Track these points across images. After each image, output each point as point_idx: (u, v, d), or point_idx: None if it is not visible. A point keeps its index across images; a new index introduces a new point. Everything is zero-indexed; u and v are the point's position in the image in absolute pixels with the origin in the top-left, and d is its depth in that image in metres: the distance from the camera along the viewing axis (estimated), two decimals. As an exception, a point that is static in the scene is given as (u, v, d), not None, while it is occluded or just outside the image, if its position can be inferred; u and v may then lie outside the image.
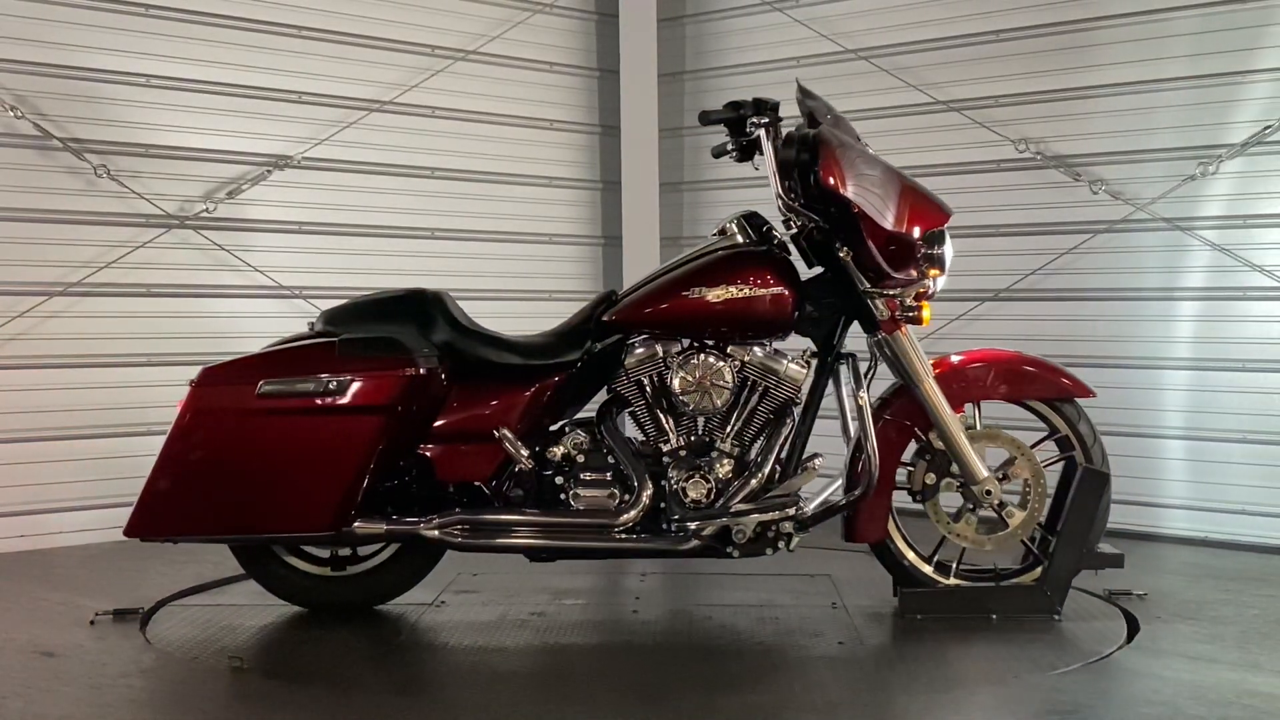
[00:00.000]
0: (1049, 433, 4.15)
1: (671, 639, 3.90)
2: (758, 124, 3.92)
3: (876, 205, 3.85)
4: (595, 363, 4.00)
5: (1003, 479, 4.07)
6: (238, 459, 3.83)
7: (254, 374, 3.85)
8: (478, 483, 3.98)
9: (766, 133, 3.92)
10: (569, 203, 6.82)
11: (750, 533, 3.87)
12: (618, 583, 4.62)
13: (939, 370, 4.06)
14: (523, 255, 6.58)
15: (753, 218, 4.05)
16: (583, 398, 4.10)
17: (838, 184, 3.81)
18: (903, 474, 4.14)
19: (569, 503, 3.95)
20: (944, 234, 3.87)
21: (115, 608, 4.09)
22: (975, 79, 5.85)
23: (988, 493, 4.02)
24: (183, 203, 5.58)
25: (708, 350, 3.93)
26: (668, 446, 3.95)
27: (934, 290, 3.95)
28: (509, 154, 6.53)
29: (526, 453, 3.93)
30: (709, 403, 3.92)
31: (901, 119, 5.97)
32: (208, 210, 5.62)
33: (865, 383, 3.98)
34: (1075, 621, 4.01)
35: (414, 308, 3.97)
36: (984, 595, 4.07)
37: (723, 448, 3.94)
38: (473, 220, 6.40)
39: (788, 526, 3.88)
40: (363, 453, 3.83)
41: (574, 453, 3.97)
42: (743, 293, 3.88)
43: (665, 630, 4.01)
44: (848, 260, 3.90)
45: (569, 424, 4.03)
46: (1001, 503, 4.04)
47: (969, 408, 4.12)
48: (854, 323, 4.03)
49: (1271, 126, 5.15)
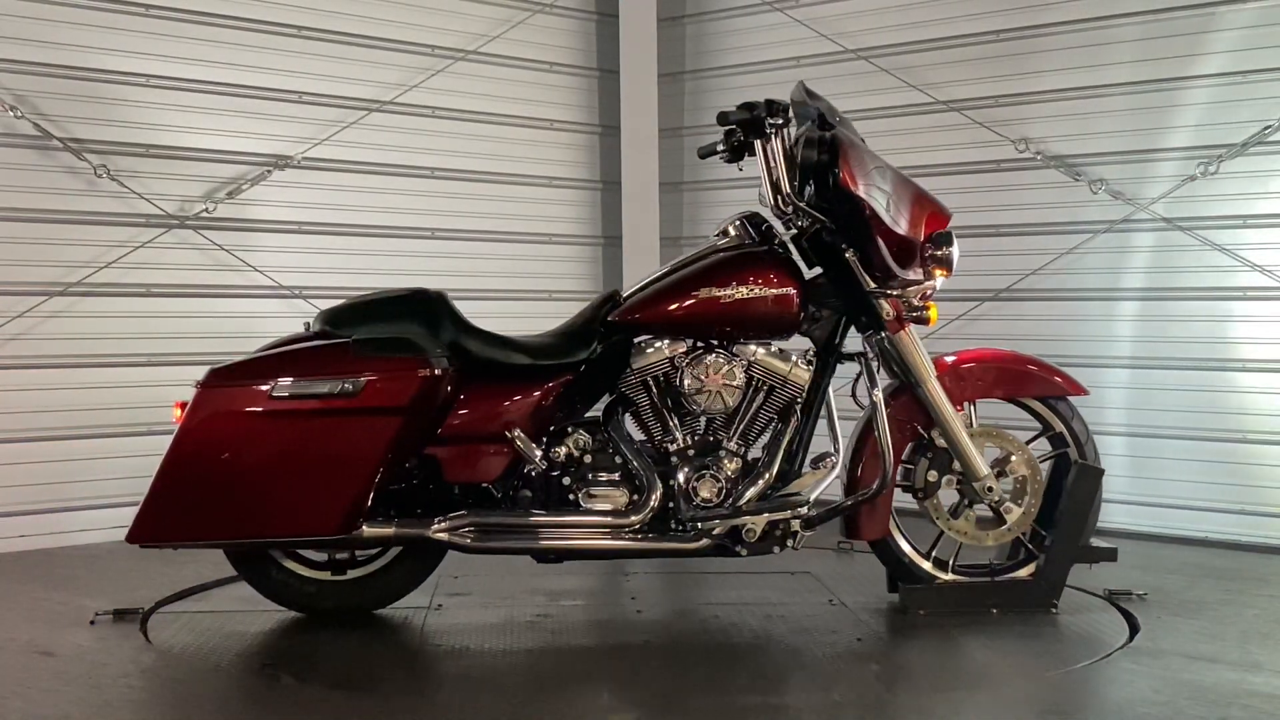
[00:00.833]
0: (1042, 430, 4.22)
1: (689, 639, 3.90)
2: (774, 125, 3.92)
3: (889, 207, 3.89)
4: (602, 363, 4.00)
5: (999, 476, 4.12)
6: (248, 461, 3.76)
7: (266, 375, 3.78)
8: (485, 484, 3.95)
9: (776, 134, 3.93)
10: (569, 203, 6.82)
11: (760, 531, 3.89)
12: (607, 583, 4.61)
13: (936, 370, 4.09)
14: (523, 255, 6.58)
15: (754, 218, 4.07)
16: (590, 398, 4.08)
17: (856, 185, 3.84)
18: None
19: (578, 503, 3.93)
20: (951, 235, 3.93)
21: (115, 608, 4.09)
22: (975, 79, 5.85)
23: (989, 489, 4.07)
24: (183, 203, 5.58)
25: (715, 350, 3.94)
26: (674, 446, 3.96)
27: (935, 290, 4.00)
28: (509, 154, 6.53)
29: (540, 453, 3.91)
30: (719, 403, 3.93)
31: (901, 119, 5.97)
32: (208, 210, 5.62)
33: (877, 382, 4.00)
34: (1076, 622, 4.01)
35: (420, 307, 3.93)
36: (983, 590, 4.13)
37: (729, 447, 3.95)
38: (473, 220, 6.40)
39: (794, 524, 3.91)
40: (377, 454, 3.78)
41: (578, 453, 3.95)
42: (752, 293, 3.89)
43: (679, 630, 4.02)
44: (853, 261, 3.93)
45: (571, 424, 4.02)
46: (1000, 499, 4.09)
47: (965, 406, 4.16)
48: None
49: (1271, 126, 5.15)
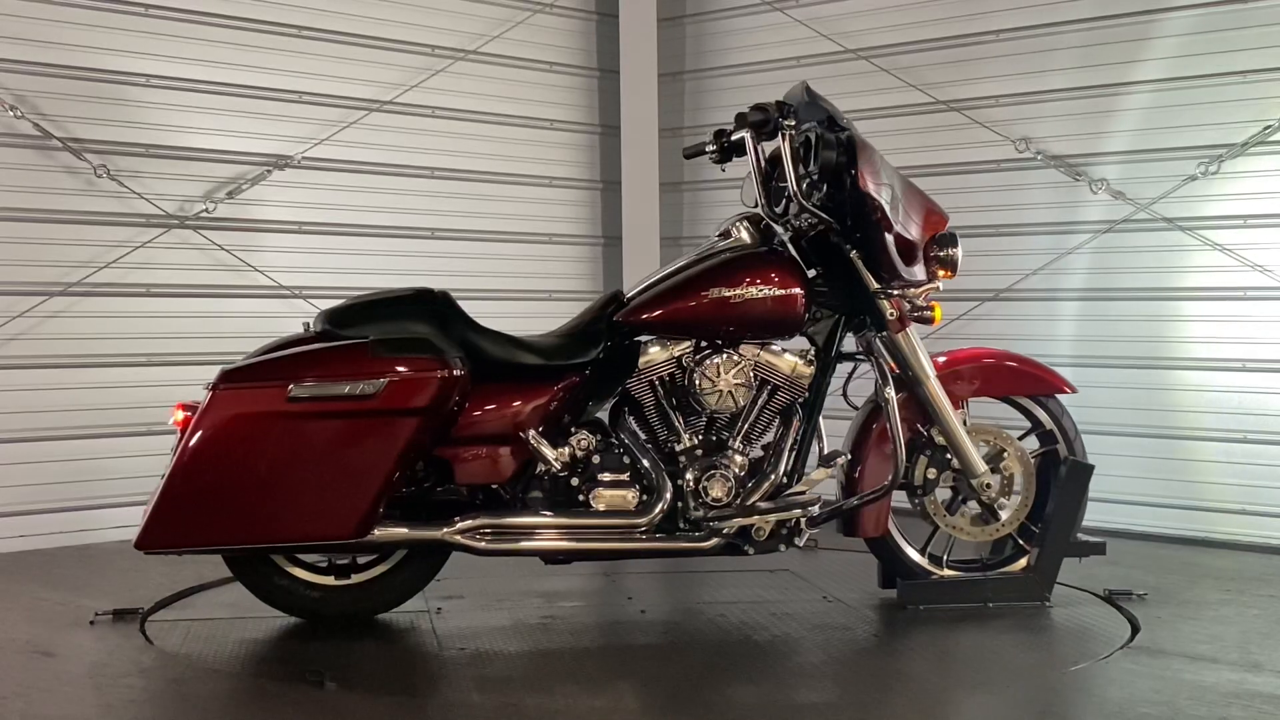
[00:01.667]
0: (1031, 427, 4.31)
1: (705, 638, 3.90)
2: (788, 126, 3.94)
3: (897, 208, 3.94)
4: (609, 363, 3.98)
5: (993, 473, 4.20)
6: (263, 464, 3.70)
7: (283, 376, 3.71)
8: (495, 485, 3.93)
9: (785, 136, 3.95)
10: (569, 203, 6.82)
11: (768, 530, 3.92)
12: (597, 584, 4.60)
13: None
14: (523, 255, 6.58)
15: (754, 219, 4.09)
16: (597, 398, 4.06)
17: (871, 187, 3.88)
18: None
19: (588, 504, 3.92)
20: (955, 237, 3.99)
21: (115, 608, 4.08)
22: (975, 79, 5.86)
23: (987, 486, 4.14)
24: (182, 203, 5.58)
25: (724, 350, 3.95)
26: (681, 446, 3.96)
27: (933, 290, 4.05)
28: (509, 154, 6.53)
29: (555, 454, 3.90)
30: (730, 403, 3.94)
31: (901, 119, 5.97)
32: (207, 210, 5.62)
33: (889, 380, 4.03)
34: (1075, 622, 4.02)
35: (429, 307, 3.89)
36: (979, 585, 4.20)
37: (735, 446, 3.96)
38: (473, 220, 6.40)
39: (800, 523, 3.95)
40: (395, 456, 3.74)
41: (582, 454, 3.93)
42: (761, 293, 3.91)
43: (690, 630, 4.02)
44: (857, 261, 3.95)
45: (574, 424, 4.01)
46: (995, 496, 4.17)
47: (962, 405, 4.22)
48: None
49: (1271, 126, 5.15)
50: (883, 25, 6.12)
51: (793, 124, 3.94)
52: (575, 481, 3.93)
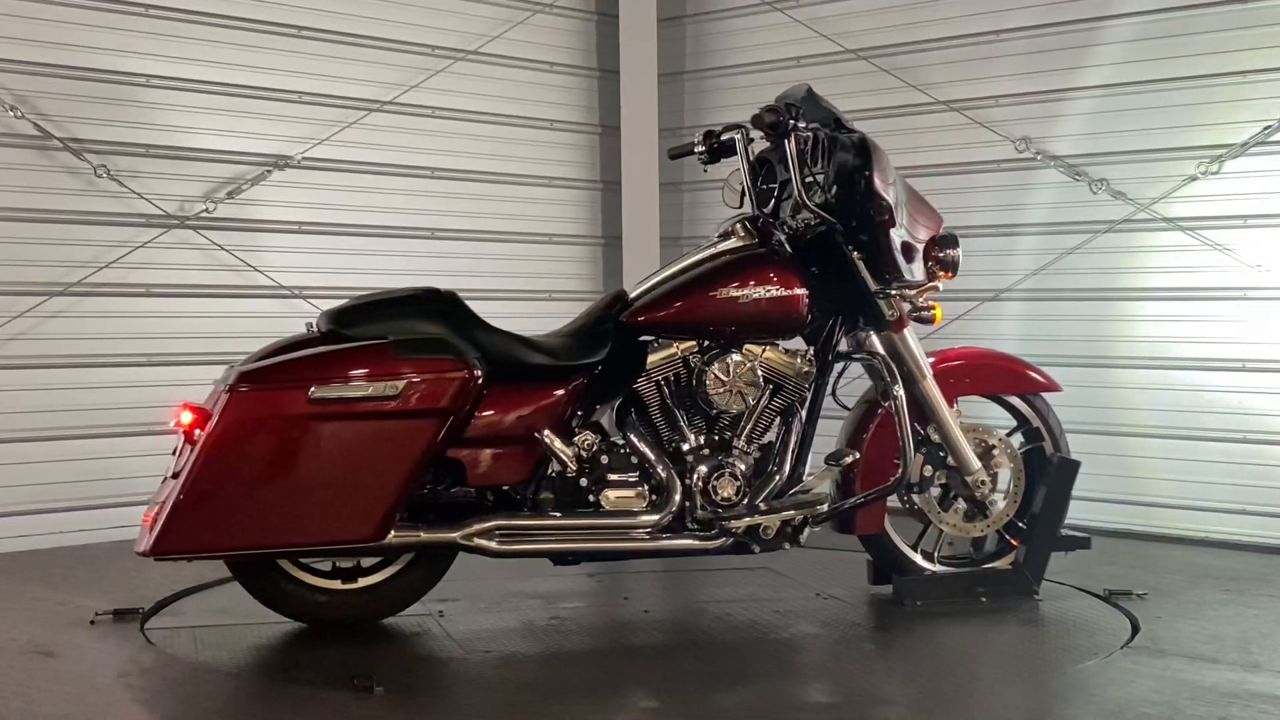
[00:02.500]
0: (1018, 425, 4.39)
1: (717, 637, 3.91)
2: (798, 129, 3.96)
3: (904, 209, 3.99)
4: (616, 363, 3.97)
5: None
6: (283, 466, 3.64)
7: (305, 377, 3.64)
8: (506, 487, 3.89)
9: (790, 138, 3.96)
10: (569, 203, 6.82)
11: (775, 529, 3.95)
12: (590, 584, 4.57)
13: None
14: (523, 255, 6.58)
15: (754, 219, 4.10)
16: (603, 398, 4.03)
17: (883, 188, 3.91)
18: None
19: (598, 504, 3.90)
20: (956, 238, 4.05)
21: (115, 608, 4.08)
22: (975, 79, 5.86)
23: (981, 483, 4.21)
24: (182, 203, 5.58)
25: (731, 350, 3.95)
26: (687, 445, 3.96)
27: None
28: (509, 154, 6.53)
29: (571, 455, 3.89)
30: (739, 402, 3.94)
31: (901, 119, 5.97)
32: (207, 210, 5.62)
33: (898, 378, 4.05)
34: (1075, 622, 4.02)
35: (439, 307, 3.85)
36: (971, 580, 4.27)
37: (741, 446, 3.97)
38: (473, 220, 6.40)
39: (803, 521, 3.98)
40: (416, 458, 3.69)
41: (587, 454, 3.91)
42: (769, 293, 3.93)
43: (702, 629, 4.03)
44: (859, 261, 3.99)
45: (582, 425, 3.99)
46: (987, 493, 4.25)
47: (955, 403, 4.27)
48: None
49: (1271, 126, 5.15)
50: (883, 25, 6.12)
51: (804, 126, 3.98)
52: (584, 482, 3.92)
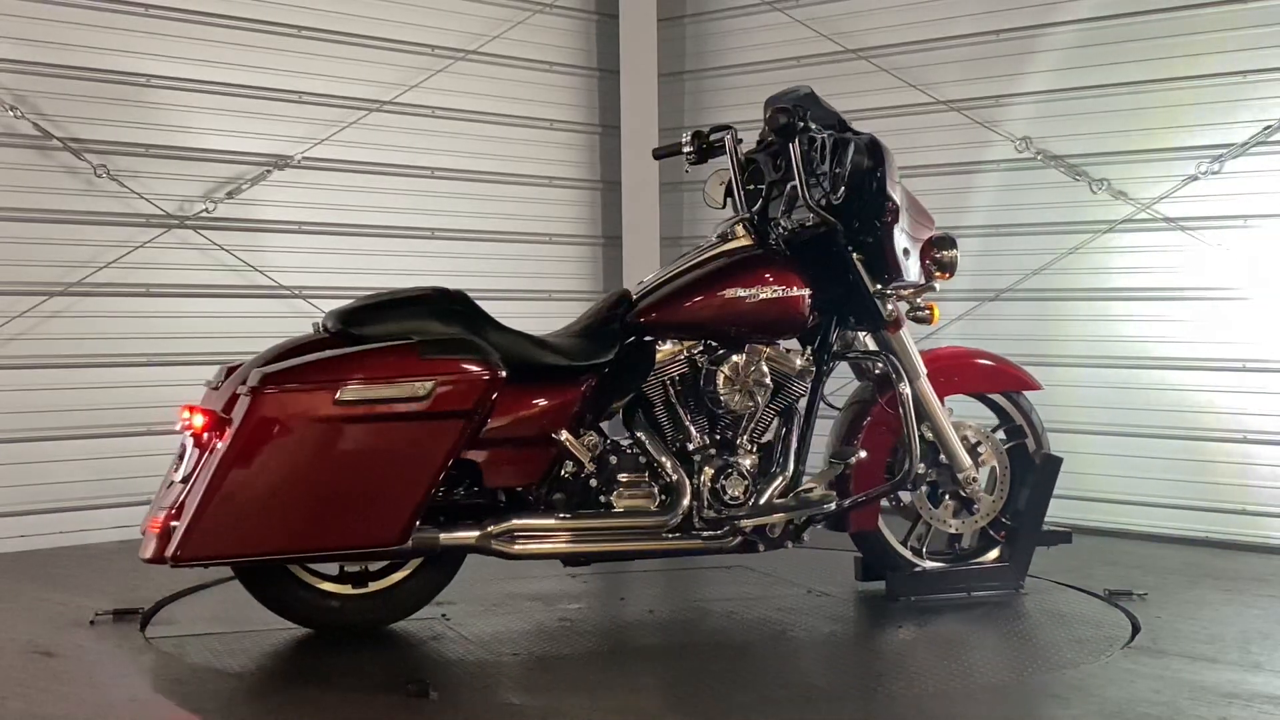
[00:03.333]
0: (1001, 422, 4.45)
1: (723, 636, 3.92)
2: (808, 130, 3.99)
3: (908, 212, 4.03)
4: (623, 363, 3.96)
5: None
6: (310, 469, 3.56)
7: (331, 378, 3.57)
8: (521, 488, 3.87)
9: (797, 139, 3.97)
10: (569, 203, 6.82)
11: (780, 527, 3.98)
12: (578, 585, 4.56)
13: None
14: (523, 255, 6.58)
15: (754, 220, 4.11)
16: (611, 398, 4.00)
17: (894, 189, 3.96)
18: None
19: (610, 504, 3.90)
20: (954, 240, 4.09)
21: (115, 608, 4.08)
22: (975, 79, 5.86)
23: (973, 480, 4.26)
24: (182, 203, 5.58)
25: (737, 350, 3.96)
26: (694, 445, 3.97)
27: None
28: (509, 154, 6.53)
29: (589, 455, 3.88)
30: (748, 402, 3.96)
31: (901, 119, 5.97)
32: (207, 210, 5.62)
33: (904, 377, 4.07)
34: (1075, 622, 4.02)
35: (452, 307, 3.82)
36: (959, 575, 4.34)
37: (744, 445, 3.98)
38: (473, 220, 6.40)
39: (805, 520, 4.00)
40: (440, 459, 3.63)
41: (598, 454, 3.91)
42: (774, 294, 3.95)
43: (708, 629, 4.04)
44: (858, 262, 4.01)
45: (593, 425, 3.98)
46: (975, 490, 4.29)
47: (945, 402, 4.30)
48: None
49: (1271, 126, 5.15)
50: (883, 25, 6.12)
51: (814, 127, 3.99)
52: (594, 483, 3.91)
